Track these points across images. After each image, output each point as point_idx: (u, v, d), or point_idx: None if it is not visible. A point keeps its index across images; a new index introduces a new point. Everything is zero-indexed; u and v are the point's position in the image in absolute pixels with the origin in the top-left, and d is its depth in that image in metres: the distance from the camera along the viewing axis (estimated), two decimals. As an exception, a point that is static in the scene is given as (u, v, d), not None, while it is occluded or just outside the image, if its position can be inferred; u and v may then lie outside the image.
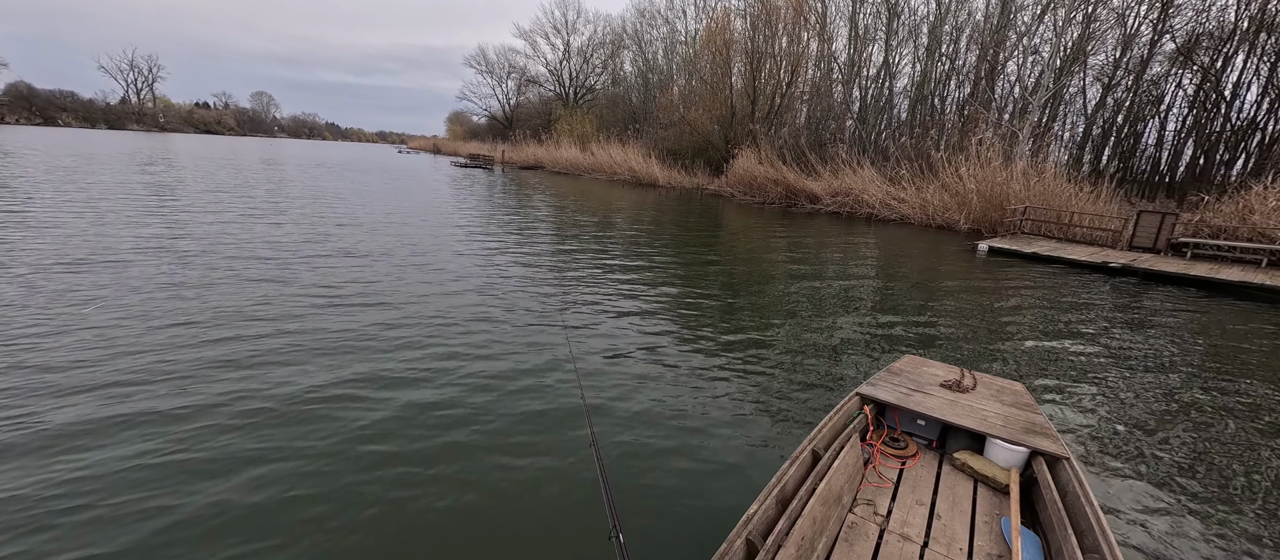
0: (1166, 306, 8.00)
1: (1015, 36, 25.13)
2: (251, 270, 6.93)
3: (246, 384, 3.97)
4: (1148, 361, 5.55)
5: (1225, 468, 3.61)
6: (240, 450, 3.19)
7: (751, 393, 4.32)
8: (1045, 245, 12.18)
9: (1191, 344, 6.23)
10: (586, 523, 2.72)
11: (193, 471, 2.96)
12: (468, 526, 2.69)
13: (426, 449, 3.30)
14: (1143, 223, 11.95)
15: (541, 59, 58.82)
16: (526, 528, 2.70)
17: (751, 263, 9.81)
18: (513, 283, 7.23)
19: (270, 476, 2.96)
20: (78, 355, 4.19)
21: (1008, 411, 3.08)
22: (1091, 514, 2.18)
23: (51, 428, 3.27)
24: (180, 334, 4.74)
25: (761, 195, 22.89)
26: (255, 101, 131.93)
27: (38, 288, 5.66)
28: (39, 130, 64.36)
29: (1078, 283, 9.38)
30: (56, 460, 2.99)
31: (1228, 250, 11.15)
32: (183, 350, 4.41)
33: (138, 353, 4.31)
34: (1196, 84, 24.62)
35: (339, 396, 3.86)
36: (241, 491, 2.85)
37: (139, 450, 3.11)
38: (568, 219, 14.34)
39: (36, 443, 3.12)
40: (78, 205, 10.89)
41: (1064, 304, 7.84)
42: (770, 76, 27.93)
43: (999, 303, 7.70)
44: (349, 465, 3.11)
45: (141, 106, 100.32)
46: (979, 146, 16.80)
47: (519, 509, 2.82)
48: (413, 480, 3.01)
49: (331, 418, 3.59)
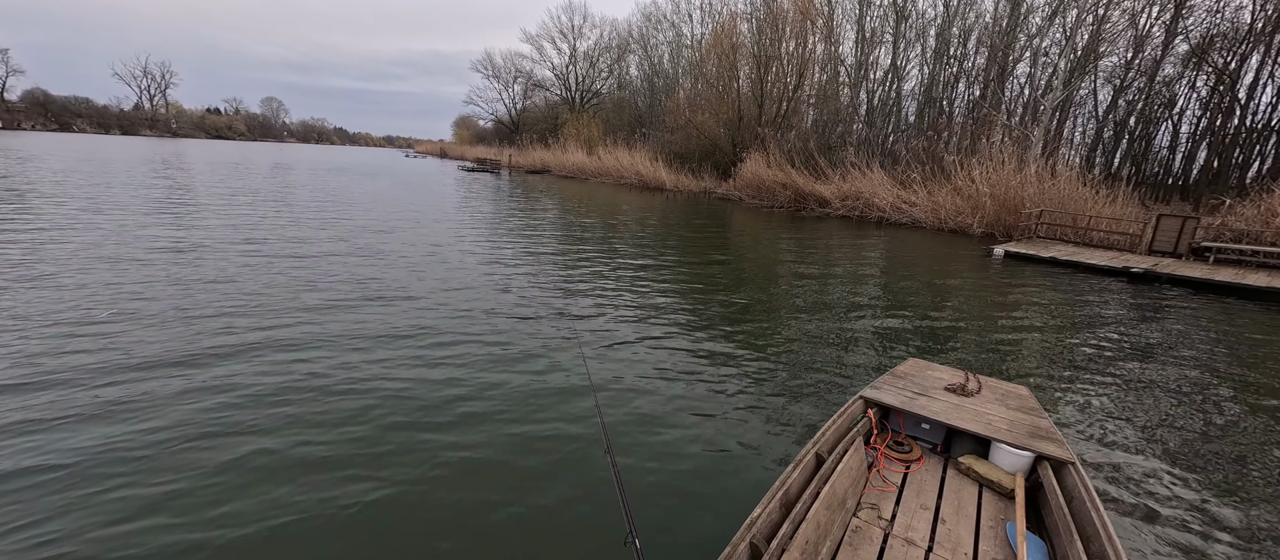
0: (1190, 312, 7.80)
1: (1025, 38, 24.94)
2: (267, 270, 6.90)
3: (263, 375, 3.99)
4: (1169, 368, 5.39)
5: (1242, 476, 3.48)
6: (248, 445, 3.17)
7: (767, 397, 4.24)
8: (1063, 249, 11.98)
9: (1215, 351, 6.05)
10: (602, 527, 2.69)
11: (193, 457, 2.92)
12: (485, 530, 2.67)
13: (441, 453, 3.27)
14: (1163, 226, 11.72)
15: (548, 63, 59.11)
16: (544, 532, 2.68)
17: (761, 266, 9.69)
18: (522, 290, 7.15)
19: (280, 475, 2.91)
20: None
21: (1013, 416, 3.04)
22: (1098, 520, 2.14)
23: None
24: (182, 330, 4.71)
25: (770, 199, 22.76)
26: (265, 107, 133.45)
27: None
28: (55, 136, 65.22)
29: (1098, 288, 9.19)
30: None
31: (1252, 255, 10.90)
32: (187, 341, 4.38)
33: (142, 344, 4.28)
34: (1210, 85, 24.31)
35: (350, 391, 3.85)
36: (248, 483, 2.83)
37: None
38: (576, 222, 14.27)
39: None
40: (99, 205, 10.96)
41: (1085, 309, 7.66)
42: (777, 80, 27.85)
43: (1019, 308, 7.53)
44: (359, 466, 3.06)
45: (154, 112, 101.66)
46: (992, 149, 16.61)
47: (536, 513, 2.80)
48: (426, 484, 2.98)
49: (344, 416, 3.56)
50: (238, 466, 3.05)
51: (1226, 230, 12.09)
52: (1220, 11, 23.26)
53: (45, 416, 3.41)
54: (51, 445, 3.14)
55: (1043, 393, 4.63)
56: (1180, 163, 26.45)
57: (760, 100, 27.81)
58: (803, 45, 27.40)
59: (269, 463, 3.11)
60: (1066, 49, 22.88)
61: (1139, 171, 25.66)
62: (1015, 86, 26.15)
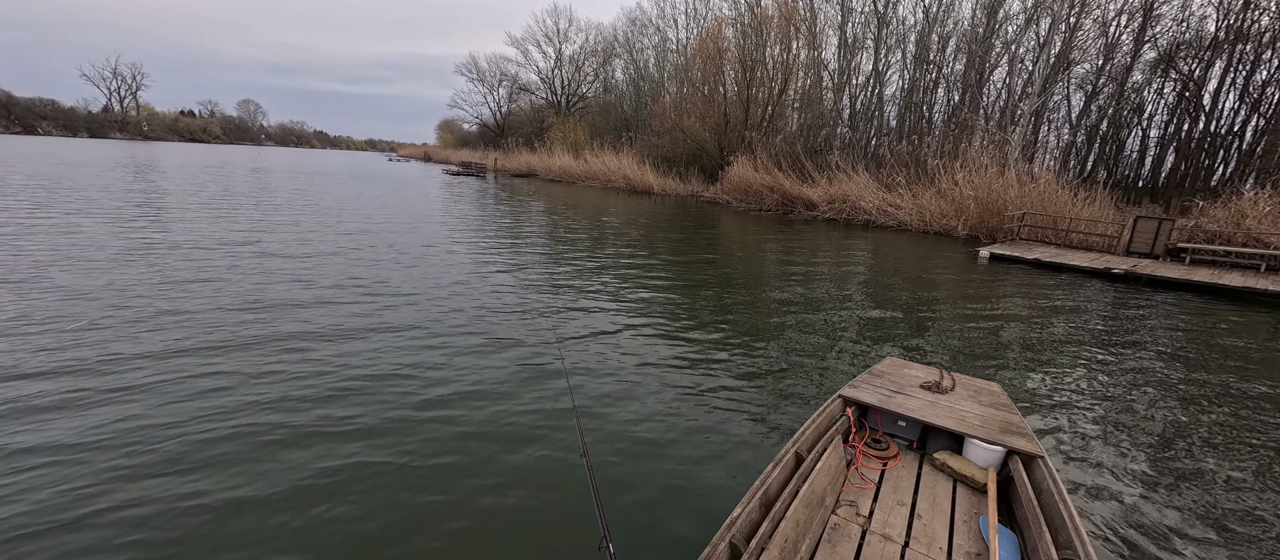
0: (1167, 312, 8.04)
1: (1000, 44, 25.59)
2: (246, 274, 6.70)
3: (231, 383, 3.90)
4: (1147, 366, 5.55)
5: (1205, 468, 3.62)
6: (214, 453, 3.13)
7: (748, 402, 4.24)
8: (1046, 251, 12.27)
9: (1190, 349, 6.24)
10: (576, 532, 2.67)
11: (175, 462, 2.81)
12: (456, 537, 2.62)
13: (413, 457, 3.23)
14: (1140, 228, 12.08)
15: (534, 67, 58.70)
16: (516, 538, 2.64)
17: (748, 269, 9.73)
18: (505, 290, 7.08)
19: (250, 480, 2.83)
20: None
21: (985, 412, 3.12)
22: (1065, 512, 2.22)
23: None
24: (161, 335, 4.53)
25: (758, 202, 22.93)
26: (241, 109, 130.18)
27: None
28: (17, 139, 62.82)
29: (1081, 288, 9.43)
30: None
31: (1225, 255, 11.30)
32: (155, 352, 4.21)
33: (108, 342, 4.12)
34: (1177, 92, 25.22)
35: (329, 398, 3.79)
36: (212, 491, 2.80)
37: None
38: (561, 224, 14.19)
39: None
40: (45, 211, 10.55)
41: (1068, 310, 7.85)
42: (762, 84, 28.12)
43: (1006, 309, 7.69)
44: (330, 476, 3.01)
45: (124, 114, 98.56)
46: (973, 152, 16.97)
47: (509, 519, 2.76)
48: (399, 488, 2.95)
49: (319, 425, 3.50)
50: (194, 467, 2.98)
51: (1200, 231, 12.52)
52: (1186, 21, 24.20)
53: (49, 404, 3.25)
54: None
55: (1029, 391, 4.73)
56: (1149, 166, 27.36)
57: (746, 104, 28.05)
58: (787, 50, 27.73)
59: (226, 466, 3.05)
60: (1041, 55, 23.54)
61: (1110, 175, 26.47)
62: (991, 91, 26.81)
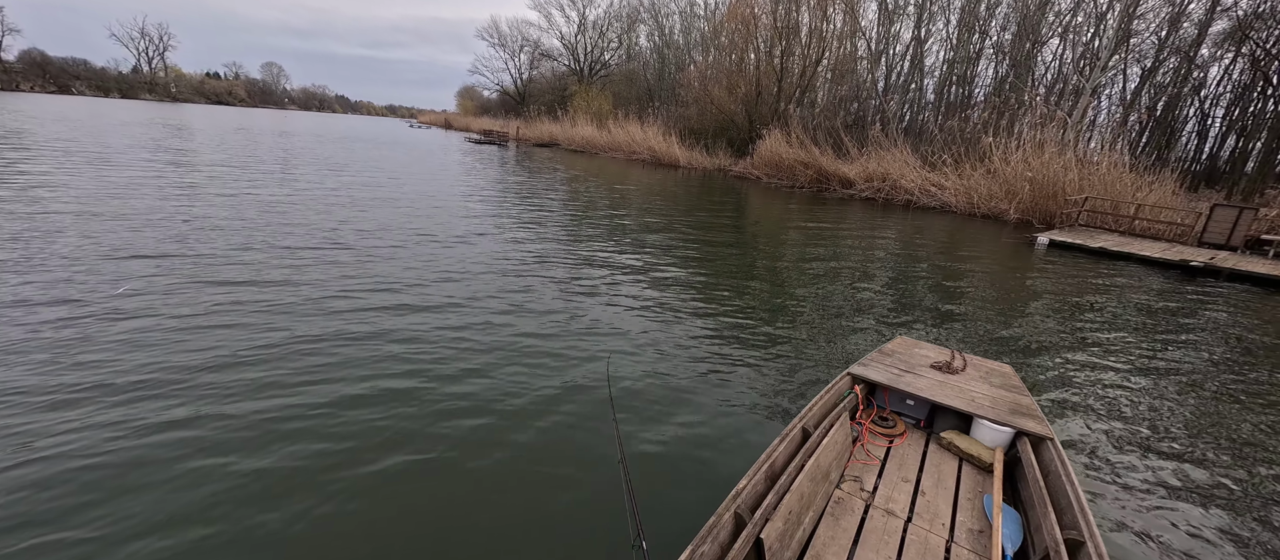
0: (1254, 310, 7.32)
1: (1053, 16, 23.81)
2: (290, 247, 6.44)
3: (264, 366, 3.71)
4: (1212, 365, 5.15)
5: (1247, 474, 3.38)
6: (242, 436, 2.98)
7: (784, 398, 3.92)
8: (1110, 239, 11.42)
9: (1259, 350, 5.71)
10: (608, 527, 2.55)
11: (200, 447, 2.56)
12: (490, 529, 2.52)
13: (447, 445, 3.09)
14: (1216, 217, 11.13)
15: (556, 31, 57.51)
16: (549, 532, 2.54)
17: (782, 253, 9.15)
18: (538, 271, 6.69)
19: (279, 471, 2.67)
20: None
21: (995, 393, 3.10)
22: (1072, 493, 2.19)
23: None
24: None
25: (790, 179, 22.05)
26: (265, 72, 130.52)
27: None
28: (54, 98, 64.00)
29: (1153, 281, 8.69)
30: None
31: (1316, 250, 10.35)
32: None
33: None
34: (1249, 68, 23.26)
35: (363, 383, 3.61)
36: (243, 477, 2.68)
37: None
38: (587, 199, 13.68)
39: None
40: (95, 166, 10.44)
41: (1143, 305, 7.20)
42: (797, 54, 26.78)
43: (1069, 302, 7.07)
44: (361, 464, 2.87)
45: (153, 76, 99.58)
46: (1031, 131, 15.86)
47: (543, 513, 2.65)
48: (431, 476, 2.84)
49: (352, 410, 3.32)
50: (222, 448, 2.81)
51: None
52: (1268, -11, 22.06)
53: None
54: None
55: (1103, 387, 4.34)
56: (1209, 149, 25.60)
57: (779, 75, 26.81)
58: (822, 17, 26.27)
59: (281, 446, 2.88)
60: (1099, 27, 21.85)
61: (1161, 158, 24.81)
62: (1041, 65, 25.13)
